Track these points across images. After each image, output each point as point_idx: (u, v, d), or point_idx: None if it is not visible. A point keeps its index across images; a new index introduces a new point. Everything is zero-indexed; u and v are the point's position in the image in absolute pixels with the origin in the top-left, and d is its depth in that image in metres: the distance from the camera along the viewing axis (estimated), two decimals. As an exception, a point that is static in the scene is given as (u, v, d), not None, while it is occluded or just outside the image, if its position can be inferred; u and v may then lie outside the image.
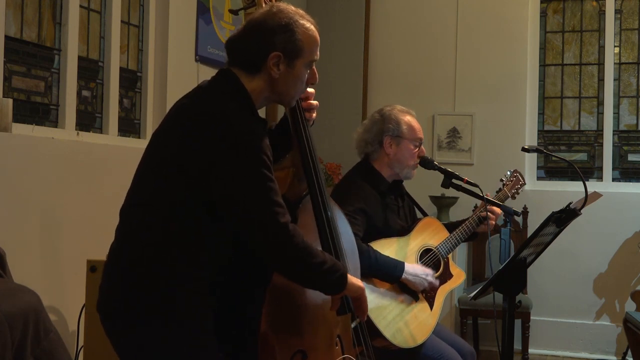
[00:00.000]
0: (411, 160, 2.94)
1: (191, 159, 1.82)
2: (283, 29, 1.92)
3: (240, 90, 1.92)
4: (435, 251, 2.92)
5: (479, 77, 5.44)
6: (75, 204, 3.21)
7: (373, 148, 2.95)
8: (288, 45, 1.92)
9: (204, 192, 1.82)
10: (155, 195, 1.87)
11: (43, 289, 2.62)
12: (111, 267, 1.91)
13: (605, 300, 5.13)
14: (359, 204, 2.79)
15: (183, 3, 4.12)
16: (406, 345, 2.67)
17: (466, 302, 4.71)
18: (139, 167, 1.95)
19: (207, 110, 1.85)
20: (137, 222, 1.89)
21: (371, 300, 2.64)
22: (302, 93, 2.06)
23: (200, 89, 1.97)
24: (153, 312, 1.84)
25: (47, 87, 3.36)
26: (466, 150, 5.45)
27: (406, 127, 2.94)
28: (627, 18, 5.38)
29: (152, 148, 1.93)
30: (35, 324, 2.15)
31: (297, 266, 1.88)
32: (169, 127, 1.92)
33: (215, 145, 1.80)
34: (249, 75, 1.94)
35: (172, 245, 1.84)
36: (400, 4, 5.63)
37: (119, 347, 1.90)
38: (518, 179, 3.16)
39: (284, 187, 2.07)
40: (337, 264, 1.96)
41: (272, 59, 1.91)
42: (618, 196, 5.07)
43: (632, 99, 5.34)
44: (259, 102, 1.97)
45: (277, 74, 1.93)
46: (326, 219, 2.06)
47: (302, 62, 1.96)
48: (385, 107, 3.01)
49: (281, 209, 1.83)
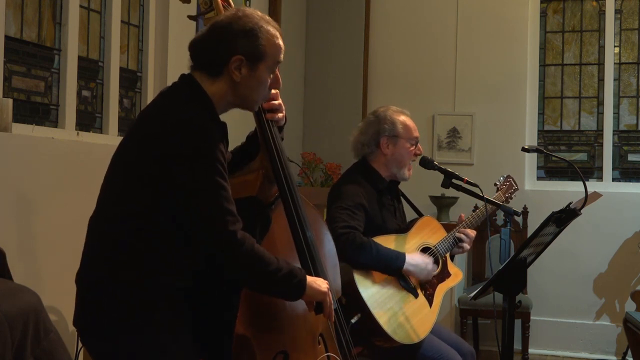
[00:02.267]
0: (408, 158, 2.96)
1: (150, 168, 1.82)
2: (247, 34, 1.91)
3: (199, 96, 1.91)
4: (433, 249, 2.92)
5: (479, 77, 5.44)
6: (75, 204, 3.21)
7: (370, 149, 2.97)
8: (251, 49, 1.91)
9: (167, 202, 1.82)
10: (121, 206, 1.86)
11: (43, 289, 2.63)
12: (81, 281, 1.90)
13: (605, 300, 5.13)
14: (358, 199, 2.81)
15: (183, 3, 4.12)
16: (408, 340, 2.67)
17: (466, 302, 4.71)
18: (106, 176, 1.94)
19: (164, 120, 1.85)
20: (103, 234, 1.88)
21: (371, 296, 2.66)
22: (265, 98, 2.05)
23: (161, 96, 1.96)
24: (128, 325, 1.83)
25: (47, 87, 3.36)
26: (466, 150, 5.45)
27: (402, 126, 2.96)
28: (627, 18, 5.38)
29: (116, 157, 1.93)
30: (35, 324, 2.15)
31: (249, 274, 1.87)
32: (131, 136, 1.92)
33: (171, 154, 1.80)
34: (211, 78, 1.93)
35: (141, 256, 1.83)
36: (400, 4, 5.63)
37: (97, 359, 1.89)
38: (511, 184, 3.17)
39: (254, 189, 2.06)
40: (295, 270, 1.94)
41: (234, 62, 1.91)
42: (618, 196, 5.06)
43: (632, 99, 5.34)
44: (221, 107, 1.96)
45: (239, 78, 1.92)
46: (298, 220, 2.04)
47: (265, 66, 1.95)
48: (380, 108, 3.03)
49: (232, 217, 1.83)
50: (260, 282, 1.90)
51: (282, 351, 1.99)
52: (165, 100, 1.93)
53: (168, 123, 1.83)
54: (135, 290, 1.83)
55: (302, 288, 1.95)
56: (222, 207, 1.82)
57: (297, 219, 2.04)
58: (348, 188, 2.85)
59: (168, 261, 1.86)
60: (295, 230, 2.04)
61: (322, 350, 2.14)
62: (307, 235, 2.06)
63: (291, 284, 1.92)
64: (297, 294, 1.95)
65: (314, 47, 5.67)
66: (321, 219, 2.34)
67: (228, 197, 1.84)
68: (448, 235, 2.98)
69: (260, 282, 1.90)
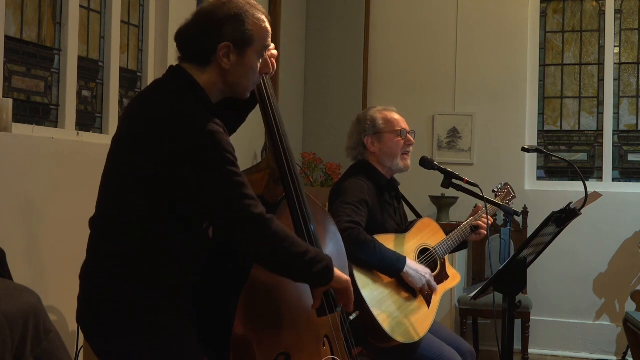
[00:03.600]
0: (398, 149, 2.97)
1: (147, 165, 1.78)
2: (232, 19, 1.87)
3: (191, 86, 1.88)
4: (432, 251, 2.93)
5: (479, 77, 5.44)
6: (75, 204, 3.21)
7: (358, 151, 3.02)
8: (238, 35, 1.87)
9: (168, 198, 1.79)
10: (119, 205, 1.84)
11: (43, 289, 2.63)
12: (85, 278, 1.89)
13: (605, 300, 5.13)
14: (362, 195, 2.82)
15: (183, 3, 4.12)
16: (405, 339, 2.66)
17: (466, 302, 4.71)
18: (103, 175, 1.91)
19: (158, 114, 1.80)
20: (104, 234, 1.87)
21: (370, 294, 2.65)
22: (255, 84, 2.00)
23: (151, 90, 1.93)
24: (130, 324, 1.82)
25: (47, 87, 3.36)
26: (466, 150, 5.45)
27: (382, 121, 2.99)
28: (627, 18, 5.38)
29: (111, 155, 1.90)
30: (35, 324, 2.15)
31: (278, 256, 1.84)
32: (124, 133, 1.88)
33: (175, 154, 1.76)
34: (200, 68, 1.90)
35: (142, 255, 1.82)
36: (400, 4, 5.63)
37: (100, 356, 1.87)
38: (509, 191, 3.18)
39: (260, 189, 2.05)
40: (322, 254, 1.92)
41: (221, 50, 1.87)
42: (618, 196, 5.07)
43: (632, 99, 5.34)
44: (213, 96, 1.92)
45: (228, 65, 1.88)
46: (303, 220, 2.02)
47: (253, 51, 1.91)
48: (362, 111, 3.11)
49: (253, 201, 1.80)
50: (289, 265, 1.87)
51: (283, 352, 1.97)
52: (157, 94, 1.89)
53: (164, 116, 1.79)
54: (142, 289, 1.81)
55: (329, 273, 1.92)
56: (243, 193, 1.79)
57: (302, 220, 2.02)
58: (351, 184, 2.86)
59: (173, 260, 1.84)
60: (298, 224, 2.01)
61: (326, 351, 2.11)
62: (312, 235, 2.03)
63: (319, 268, 1.89)
64: (325, 279, 1.92)
65: (314, 47, 5.67)
66: (330, 219, 2.33)
67: (245, 183, 1.81)
68: (448, 236, 2.99)
69: (288, 264, 1.86)
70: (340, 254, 2.29)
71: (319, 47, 5.66)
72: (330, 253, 2.14)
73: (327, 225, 2.27)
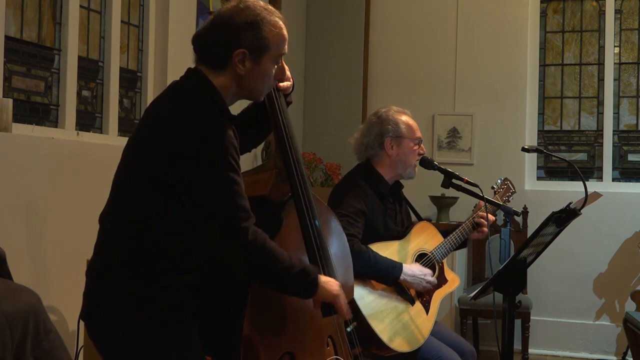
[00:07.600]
0: (413, 158, 2.94)
1: (159, 164, 1.80)
2: (249, 27, 1.89)
3: (207, 88, 1.89)
4: (430, 256, 2.91)
5: (479, 77, 5.44)
6: (75, 204, 3.21)
7: (374, 151, 2.95)
8: (254, 42, 1.89)
9: (176, 198, 1.81)
10: (130, 202, 1.85)
11: (43, 289, 2.62)
12: (92, 274, 1.90)
13: (605, 300, 5.13)
14: (359, 205, 2.79)
15: (183, 3, 4.12)
16: (404, 349, 2.66)
17: (466, 302, 4.70)
18: (117, 172, 1.93)
19: (173, 116, 1.83)
20: (114, 230, 1.88)
21: (368, 303, 2.65)
22: (270, 88, 2.03)
23: (169, 91, 1.95)
24: (135, 319, 1.82)
25: (47, 87, 3.36)
26: (466, 150, 5.45)
27: (405, 126, 2.94)
28: (627, 18, 5.38)
29: (126, 153, 1.92)
30: (35, 324, 2.15)
31: (262, 271, 1.86)
32: (140, 132, 1.91)
33: (181, 152, 1.78)
34: (216, 72, 1.92)
35: (149, 252, 1.83)
36: (400, 4, 5.63)
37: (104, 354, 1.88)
38: (509, 187, 3.16)
39: (267, 188, 2.05)
40: (308, 268, 1.93)
41: (237, 56, 1.89)
42: (618, 196, 5.07)
43: (632, 99, 5.34)
44: (228, 99, 1.95)
45: (243, 71, 1.90)
46: (309, 220, 2.03)
47: (269, 58, 1.93)
48: (381, 109, 3.01)
49: (245, 213, 1.81)
50: (273, 279, 1.88)
51: (287, 352, 1.97)
52: (175, 96, 1.91)
53: (178, 120, 1.81)
54: (148, 287, 1.82)
55: (314, 287, 1.93)
56: (235, 203, 1.80)
57: (309, 220, 2.02)
58: (349, 194, 2.83)
59: (181, 260, 1.85)
60: (306, 226, 2.02)
61: (330, 352, 2.11)
62: (317, 237, 2.03)
63: (303, 282, 1.91)
64: (309, 292, 1.94)
65: (314, 47, 5.67)
66: (337, 220, 2.32)
67: (241, 193, 1.82)
68: (446, 239, 2.97)
69: (272, 279, 1.88)
70: (345, 255, 2.29)
71: (319, 47, 5.66)
72: (335, 253, 2.14)
73: (332, 225, 2.27)
